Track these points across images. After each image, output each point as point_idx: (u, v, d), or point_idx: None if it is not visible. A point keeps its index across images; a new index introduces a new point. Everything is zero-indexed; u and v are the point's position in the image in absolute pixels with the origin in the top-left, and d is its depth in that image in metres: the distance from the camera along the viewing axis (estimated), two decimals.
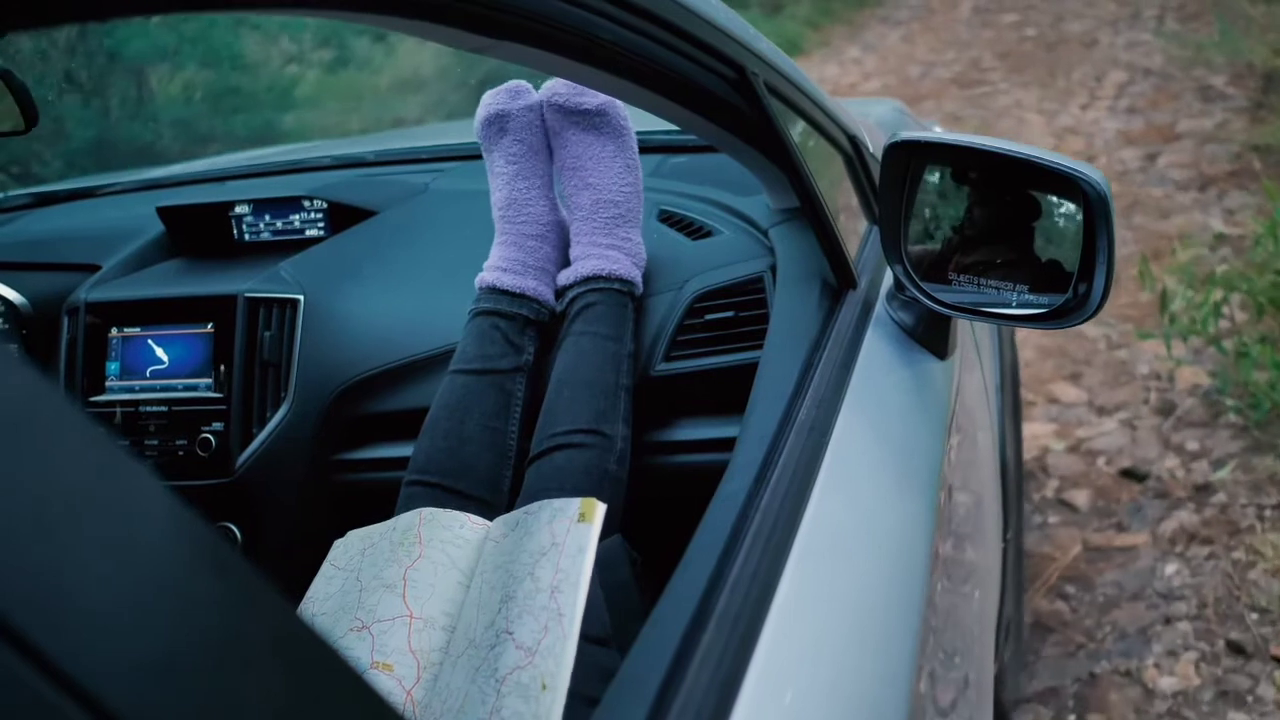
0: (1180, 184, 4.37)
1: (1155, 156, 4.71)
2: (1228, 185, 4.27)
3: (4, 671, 0.24)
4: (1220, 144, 4.70)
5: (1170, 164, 4.60)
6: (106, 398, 1.37)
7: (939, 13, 7.97)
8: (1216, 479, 2.58)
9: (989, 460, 1.47)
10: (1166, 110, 5.29)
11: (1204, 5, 6.78)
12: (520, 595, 0.81)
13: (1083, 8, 7.41)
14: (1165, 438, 2.78)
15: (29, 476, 0.26)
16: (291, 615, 0.32)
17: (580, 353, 1.19)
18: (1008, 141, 0.94)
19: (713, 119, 0.95)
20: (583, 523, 0.84)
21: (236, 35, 6.05)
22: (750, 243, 1.29)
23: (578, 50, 0.74)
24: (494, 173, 1.32)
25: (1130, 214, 4.15)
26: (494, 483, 1.15)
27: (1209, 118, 5.07)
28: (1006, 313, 0.97)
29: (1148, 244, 3.84)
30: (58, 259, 1.58)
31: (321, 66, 6.64)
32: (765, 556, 0.65)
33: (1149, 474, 2.65)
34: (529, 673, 0.75)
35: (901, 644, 0.73)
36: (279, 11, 0.57)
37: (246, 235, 1.57)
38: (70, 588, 0.26)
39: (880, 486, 0.86)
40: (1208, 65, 5.81)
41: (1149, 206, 4.18)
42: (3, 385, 0.28)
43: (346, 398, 1.31)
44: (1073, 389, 3.07)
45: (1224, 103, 5.24)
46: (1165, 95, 5.54)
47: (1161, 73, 5.88)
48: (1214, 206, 4.11)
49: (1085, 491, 2.63)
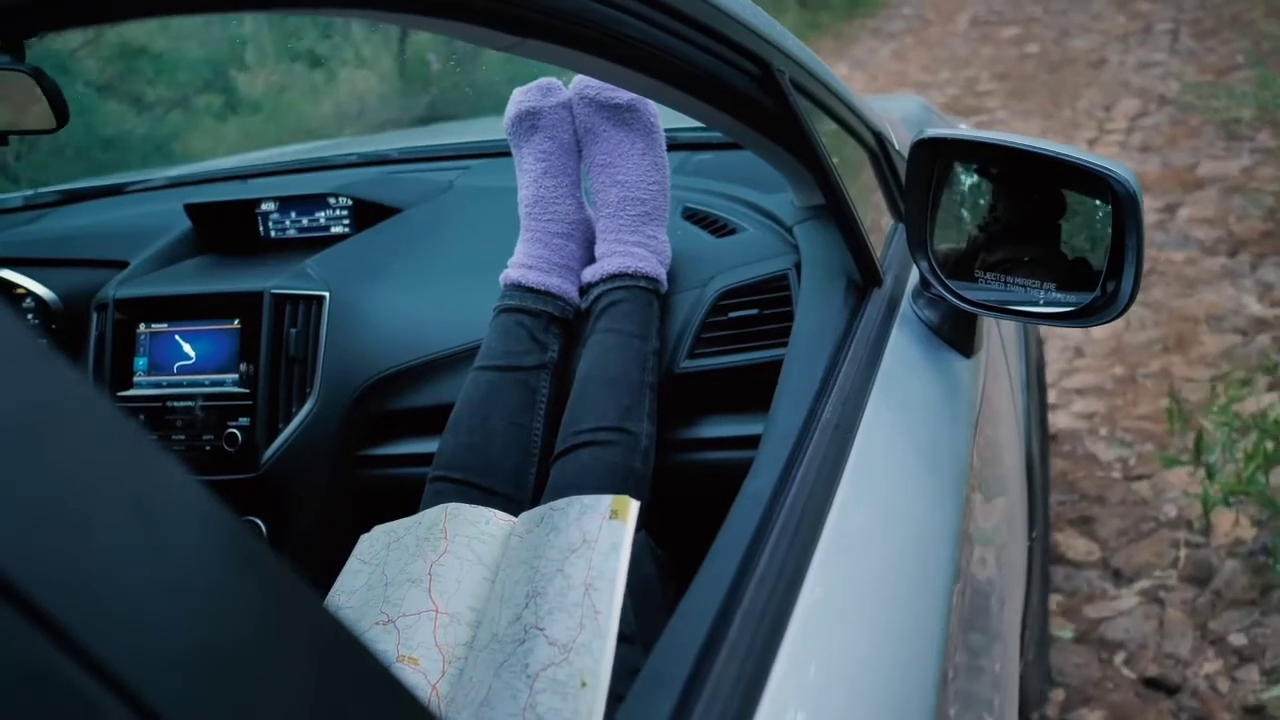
0: (1206, 246, 3.73)
1: (1175, 208, 4.06)
2: (1262, 249, 3.64)
3: (47, 666, 0.24)
4: (1250, 196, 4.06)
5: (1193, 219, 3.96)
6: (134, 393, 1.38)
7: (934, 24, 7.38)
8: (1271, 699, 1.91)
9: (1015, 459, 1.46)
10: (1185, 149, 4.61)
11: (1220, 21, 6.25)
12: (550, 592, 0.81)
13: (1089, 21, 6.81)
14: (1201, 623, 2.12)
15: (66, 471, 0.27)
16: (321, 609, 0.32)
17: (605, 350, 1.20)
18: (1035, 139, 0.93)
19: (738, 116, 0.94)
20: (616, 520, 0.85)
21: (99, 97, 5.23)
22: (775, 240, 1.28)
23: (604, 48, 0.74)
24: (522, 169, 1.32)
25: (1148, 285, 3.51)
26: (519, 479, 1.16)
27: (1235, 159, 4.41)
28: (1034, 311, 0.96)
29: (1170, 327, 3.25)
30: (86, 255, 1.59)
31: (208, 112, 5.90)
32: (790, 553, 0.65)
33: (1180, 685, 1.99)
34: (564, 669, 0.75)
35: (926, 642, 0.72)
36: (311, 11, 0.57)
37: (272, 232, 1.58)
38: (108, 582, 0.26)
39: (906, 485, 0.86)
40: (1230, 93, 5.17)
41: (1170, 276, 3.58)
42: (39, 379, 0.28)
43: (371, 394, 1.32)
44: (1083, 541, 2.44)
45: (1251, 142, 4.58)
46: (1184, 130, 4.85)
47: (1179, 101, 5.21)
48: (1246, 279, 3.49)
49: (1099, 714, 1.98)
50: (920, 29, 7.34)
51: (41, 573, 0.25)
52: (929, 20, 7.48)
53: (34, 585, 0.24)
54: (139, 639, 0.26)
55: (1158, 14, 6.62)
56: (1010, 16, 7.18)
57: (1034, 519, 1.83)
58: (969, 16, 7.33)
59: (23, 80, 1.21)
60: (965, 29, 7.09)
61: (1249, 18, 6.11)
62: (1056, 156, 0.91)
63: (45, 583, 0.25)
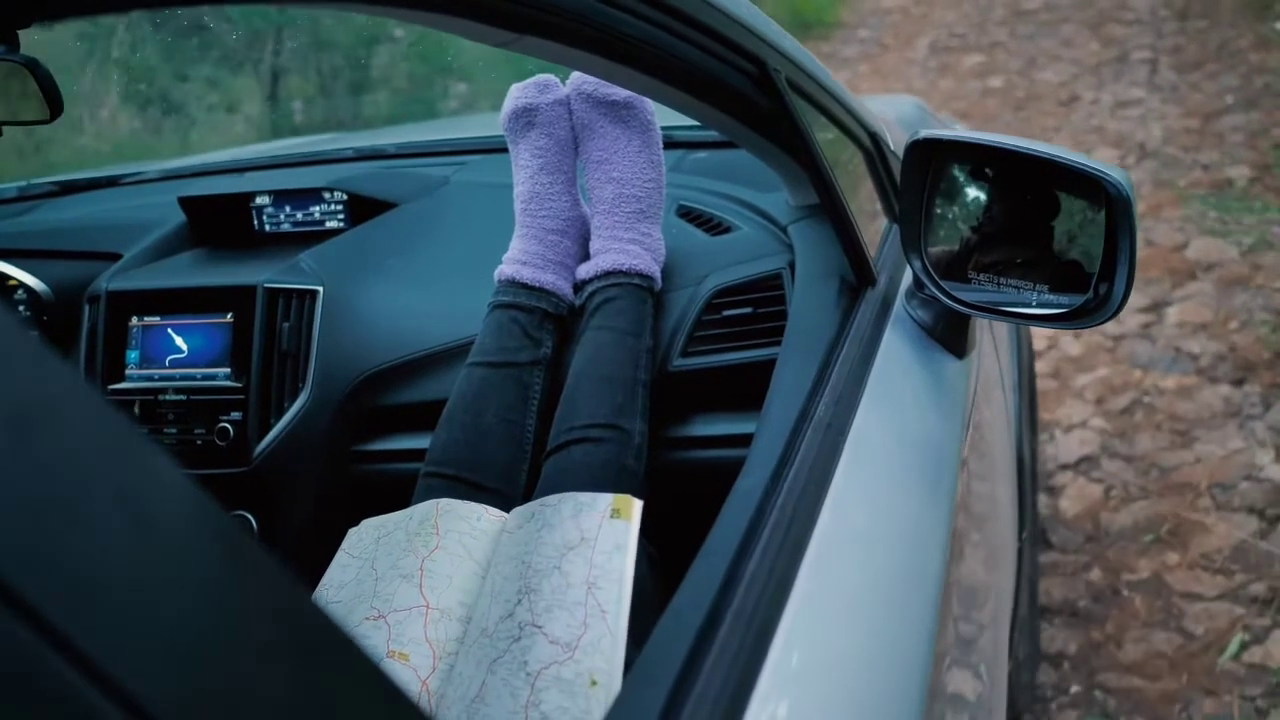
0: (1203, 368, 2.91)
1: (1163, 308, 3.23)
2: (1275, 376, 2.81)
3: (34, 661, 0.24)
4: (1257, 293, 3.20)
5: (1185, 324, 3.12)
6: (125, 385, 1.38)
7: (892, 50, 6.51)
8: None
9: (1005, 460, 1.46)
10: (1173, 220, 3.75)
11: (1204, 51, 5.48)
12: (546, 589, 0.82)
13: (1059, 48, 6.00)
14: None
15: (55, 465, 0.27)
16: (311, 604, 0.32)
17: (599, 347, 1.20)
18: (1030, 140, 0.94)
19: (734, 115, 0.94)
20: (619, 519, 0.85)
21: None
22: (769, 239, 1.29)
23: (600, 45, 0.74)
24: (518, 165, 1.32)
25: (1132, 431, 2.69)
26: (511, 475, 1.16)
27: (1231, 236, 3.57)
28: (1026, 312, 0.97)
29: (1163, 503, 2.44)
30: (79, 247, 1.59)
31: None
32: (781, 553, 0.65)
33: None
34: (570, 668, 0.75)
35: (917, 641, 0.73)
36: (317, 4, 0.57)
37: (267, 226, 1.57)
38: (96, 577, 0.26)
39: (897, 484, 0.86)
40: (1220, 142, 4.28)
41: (1160, 414, 2.76)
42: (28, 373, 0.28)
43: (364, 389, 1.32)
44: None
45: (1250, 214, 3.73)
46: (1169, 195, 3.94)
47: (1161, 154, 4.32)
48: (1258, 421, 2.66)
49: None
50: (876, 55, 6.52)
51: (30, 567, 0.25)
52: (886, 45, 6.63)
53: (21, 579, 0.24)
54: (127, 634, 0.26)
55: (1133, 39, 5.88)
56: (973, 42, 6.39)
57: (1024, 520, 1.84)
58: (929, 42, 6.53)
59: (16, 71, 1.21)
60: (924, 56, 6.29)
61: (1236, 46, 5.42)
62: (1050, 158, 0.91)
63: (32, 577, 0.25)
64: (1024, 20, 6.57)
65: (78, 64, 3.69)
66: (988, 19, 6.72)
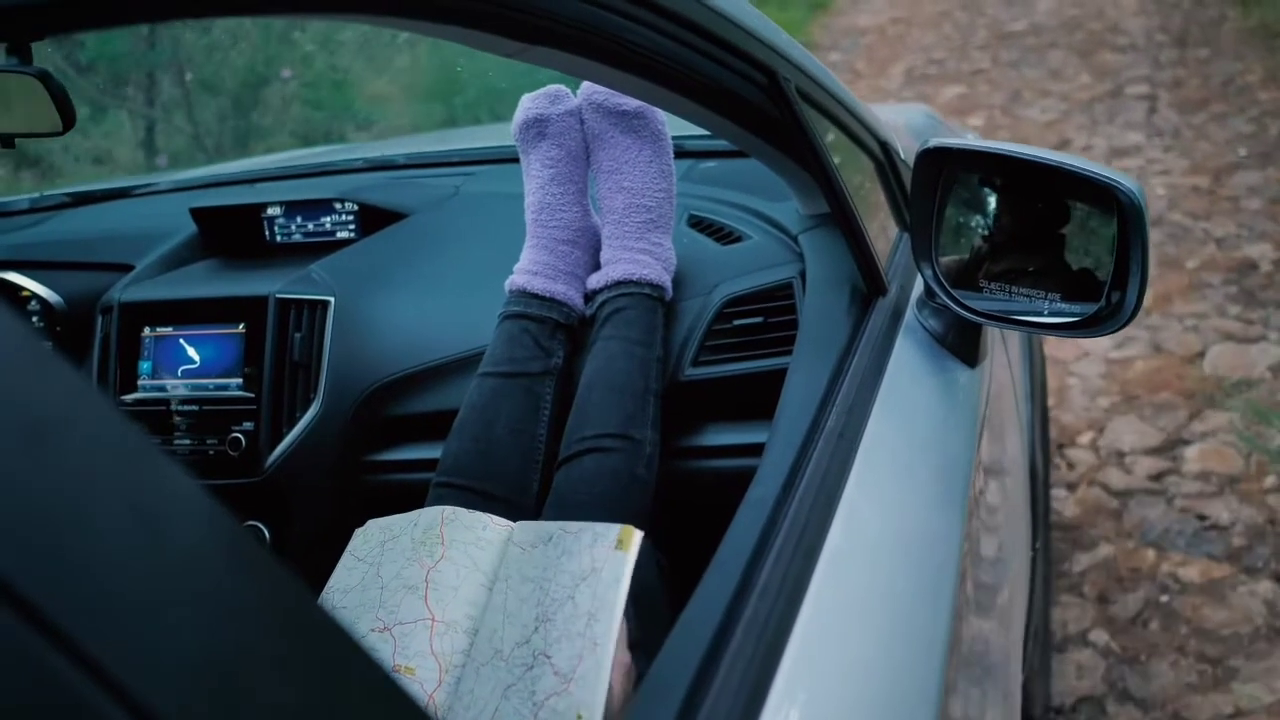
0: (1236, 550, 2.16)
1: (1178, 449, 2.49)
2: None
3: (46, 669, 0.24)
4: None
5: (1206, 476, 2.37)
6: (138, 396, 1.39)
7: (865, 77, 5.82)
8: None
9: (1018, 469, 1.46)
10: (1185, 317, 3.00)
11: (1208, 87, 4.79)
12: (560, 619, 0.82)
13: (1046, 79, 5.32)
14: None
15: (68, 475, 0.27)
16: (323, 615, 0.32)
17: (610, 357, 1.20)
18: (1040, 149, 0.93)
19: (744, 124, 0.94)
20: (619, 550, 0.84)
21: None
22: (780, 248, 1.28)
23: (610, 55, 0.74)
24: (529, 175, 1.32)
25: (1147, 654, 1.98)
26: (522, 485, 1.15)
27: (1257, 343, 2.79)
28: (1038, 321, 0.96)
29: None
30: (92, 258, 1.60)
31: None
32: (794, 562, 0.65)
33: None
34: (564, 700, 0.75)
35: (930, 652, 0.72)
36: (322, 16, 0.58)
37: (278, 237, 1.58)
38: (109, 587, 0.26)
39: (910, 494, 0.86)
40: (1234, 209, 3.48)
41: (1181, 624, 2.05)
42: (42, 384, 0.28)
43: (376, 399, 1.32)
44: None
45: (1277, 308, 2.96)
46: (1179, 283, 3.18)
47: (1166, 222, 3.57)
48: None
49: None
50: (850, 81, 5.68)
51: (42, 577, 0.25)
52: (859, 72, 5.96)
53: (34, 589, 0.24)
54: (139, 643, 0.26)
55: (1128, 70, 5.21)
56: (953, 69, 5.69)
57: (1037, 529, 1.83)
58: (904, 68, 5.89)
59: (29, 83, 1.21)
60: (899, 86, 5.61)
61: (1244, 82, 4.75)
62: (1062, 167, 0.91)
63: (46, 587, 0.25)
64: (1008, 44, 6.06)
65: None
66: (969, 42, 6.20)
